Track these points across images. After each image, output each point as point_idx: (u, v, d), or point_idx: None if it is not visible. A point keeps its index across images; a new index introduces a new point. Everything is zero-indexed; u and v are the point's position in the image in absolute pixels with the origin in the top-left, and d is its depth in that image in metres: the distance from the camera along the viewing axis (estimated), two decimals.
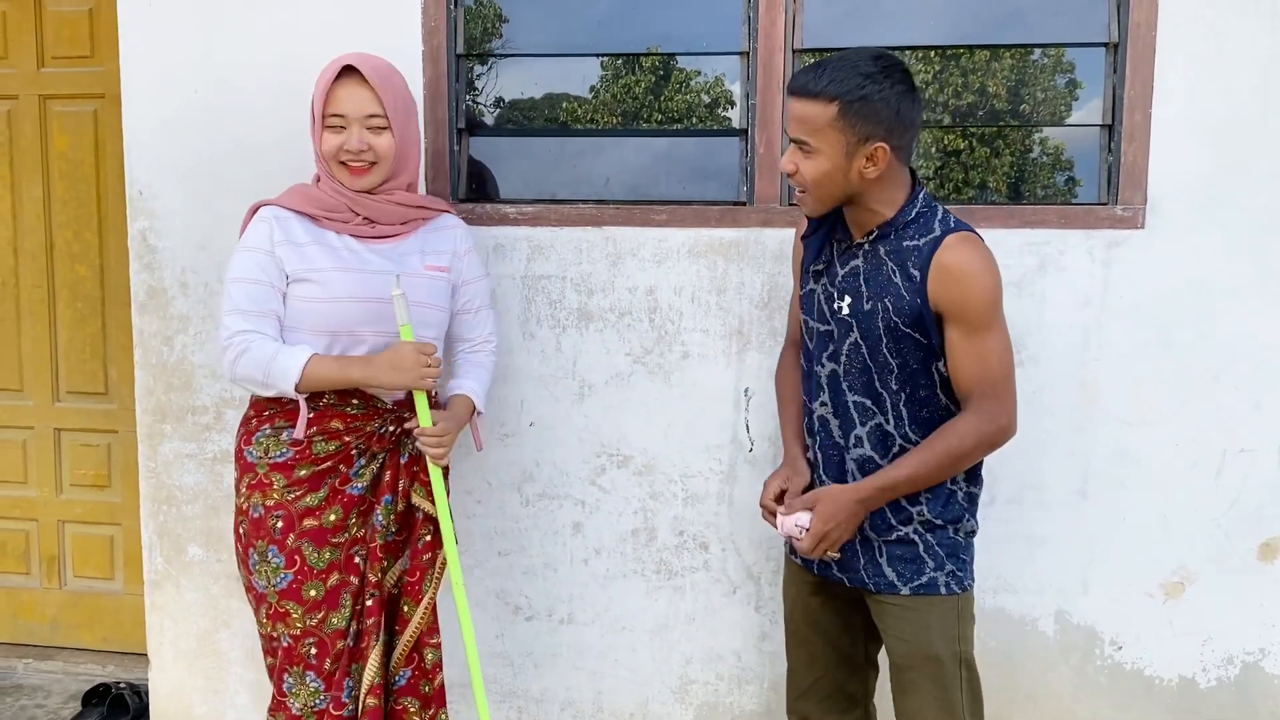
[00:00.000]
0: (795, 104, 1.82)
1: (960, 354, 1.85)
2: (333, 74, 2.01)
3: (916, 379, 1.89)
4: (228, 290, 2.02)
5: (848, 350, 1.93)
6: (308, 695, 2.03)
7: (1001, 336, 1.87)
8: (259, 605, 2.07)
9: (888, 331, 1.87)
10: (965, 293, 1.82)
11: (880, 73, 1.78)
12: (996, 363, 1.85)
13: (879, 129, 1.79)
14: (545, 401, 2.55)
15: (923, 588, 1.92)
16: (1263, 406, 2.33)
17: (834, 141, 1.80)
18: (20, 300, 3.15)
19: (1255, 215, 2.29)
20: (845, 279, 1.93)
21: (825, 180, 1.83)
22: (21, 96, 3.07)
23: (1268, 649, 2.41)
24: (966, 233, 1.86)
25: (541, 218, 2.51)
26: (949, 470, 1.88)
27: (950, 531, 1.94)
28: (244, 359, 1.96)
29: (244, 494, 2.05)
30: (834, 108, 1.78)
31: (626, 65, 2.57)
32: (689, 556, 2.56)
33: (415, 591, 2.13)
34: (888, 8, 2.43)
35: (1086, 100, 2.41)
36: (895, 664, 1.96)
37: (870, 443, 1.93)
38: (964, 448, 1.85)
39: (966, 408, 1.86)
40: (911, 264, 1.85)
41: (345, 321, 2.01)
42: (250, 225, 2.06)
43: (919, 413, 1.91)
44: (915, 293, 1.84)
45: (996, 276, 1.85)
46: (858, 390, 1.93)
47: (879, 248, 1.89)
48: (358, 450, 2.05)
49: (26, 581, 3.28)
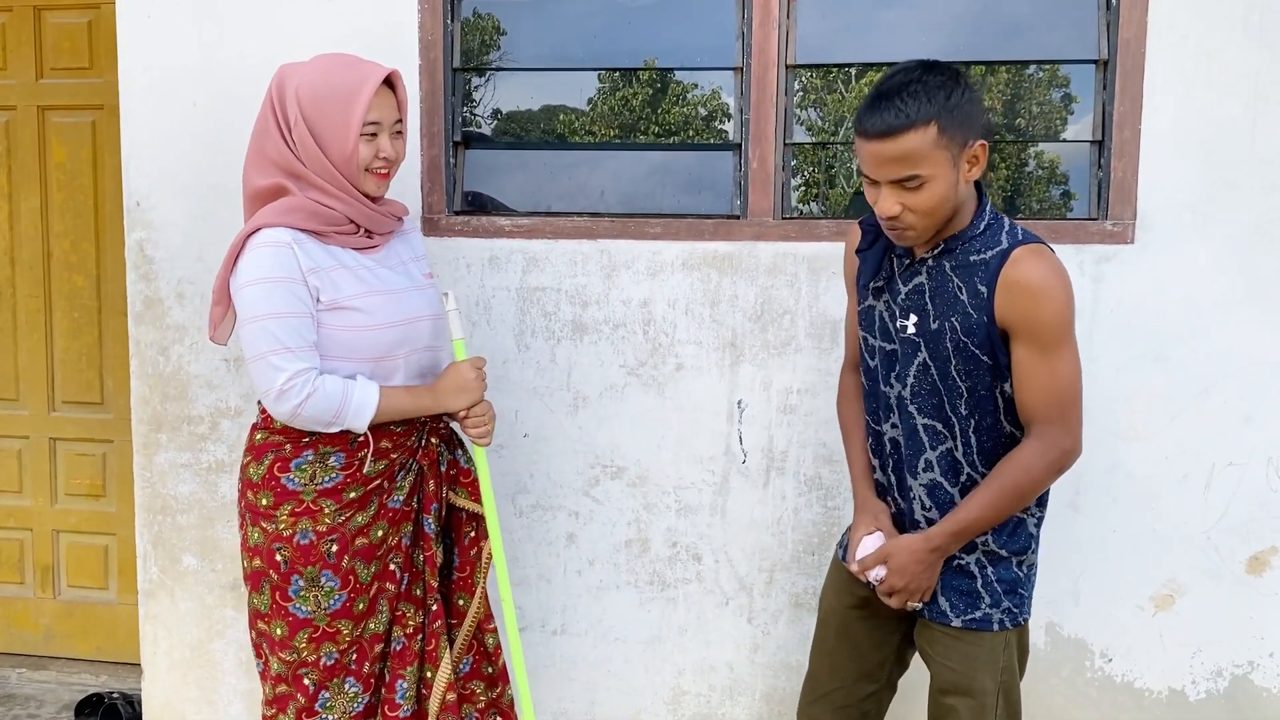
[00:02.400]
0: (887, 145, 1.69)
1: (1028, 375, 1.76)
2: (376, 83, 1.93)
3: (985, 404, 1.82)
4: (264, 326, 1.87)
5: (916, 371, 1.85)
6: (346, 702, 2.02)
7: (1073, 356, 1.77)
8: (295, 632, 1.97)
9: (956, 352, 1.79)
10: (1035, 309, 1.73)
11: (948, 79, 1.71)
12: (1067, 384, 1.77)
13: (972, 128, 1.72)
14: (539, 413, 2.57)
15: (975, 622, 1.86)
16: (1252, 420, 2.35)
17: (942, 160, 1.70)
18: (17, 310, 3.16)
19: (1244, 230, 2.31)
20: (909, 296, 1.85)
21: (942, 203, 1.73)
22: (20, 107, 3.09)
23: (1257, 662, 2.42)
24: (1036, 245, 1.77)
25: (537, 230, 2.52)
26: (1018, 505, 1.81)
27: (1014, 564, 1.87)
28: (313, 400, 1.88)
29: (286, 521, 1.96)
30: (933, 128, 1.68)
31: (623, 78, 2.59)
32: (682, 568, 2.57)
33: (468, 585, 2.16)
34: (881, 24, 2.45)
35: (1081, 115, 2.42)
36: (935, 687, 1.93)
37: (940, 468, 1.86)
38: (1031, 480, 1.78)
39: (1030, 433, 1.79)
40: (979, 279, 1.76)
41: (388, 347, 1.99)
42: (268, 251, 1.90)
43: (985, 440, 1.83)
44: (982, 310, 1.76)
45: (1069, 291, 1.76)
46: (927, 413, 1.85)
47: (944, 263, 1.80)
48: (401, 465, 2.06)
49: (20, 591, 3.28)
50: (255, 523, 1.99)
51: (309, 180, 1.95)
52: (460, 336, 2.06)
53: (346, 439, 1.98)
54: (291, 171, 1.96)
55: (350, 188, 1.97)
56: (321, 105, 1.93)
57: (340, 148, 1.93)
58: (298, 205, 1.94)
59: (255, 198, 2.00)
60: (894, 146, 1.69)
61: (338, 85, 1.93)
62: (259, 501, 1.98)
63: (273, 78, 1.99)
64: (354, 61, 1.98)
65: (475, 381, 2.04)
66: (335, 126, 1.93)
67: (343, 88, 1.93)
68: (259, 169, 1.99)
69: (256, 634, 2.05)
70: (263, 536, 1.98)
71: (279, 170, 1.96)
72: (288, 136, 1.95)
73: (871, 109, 1.71)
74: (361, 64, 1.97)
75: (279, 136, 1.95)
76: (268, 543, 1.97)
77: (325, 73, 1.95)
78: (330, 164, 1.94)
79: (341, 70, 1.95)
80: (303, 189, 1.96)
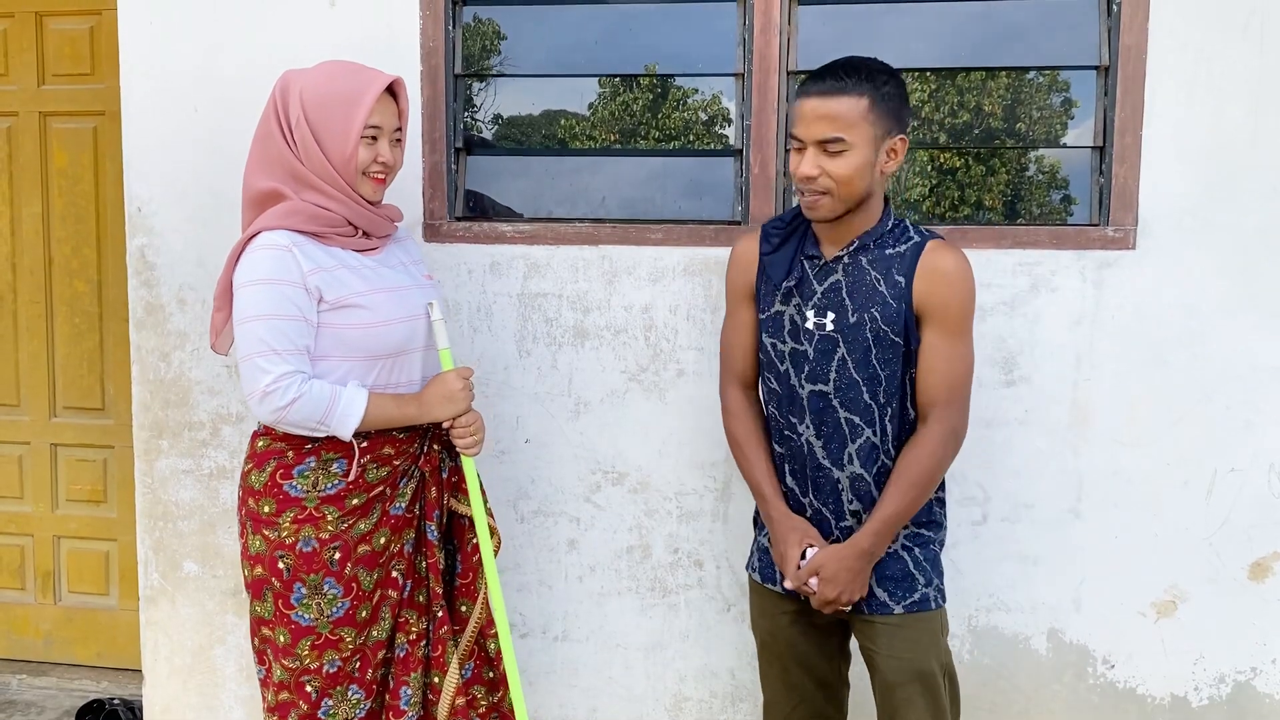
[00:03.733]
0: (822, 103, 1.83)
1: (935, 358, 1.89)
2: (379, 89, 1.96)
3: (898, 391, 1.92)
4: (253, 329, 1.88)
5: (836, 367, 1.93)
6: (348, 709, 2.02)
7: (970, 344, 1.93)
8: (298, 640, 1.97)
9: (876, 341, 1.89)
10: (951, 294, 1.87)
11: (886, 71, 1.86)
12: (964, 370, 1.91)
13: (898, 123, 1.86)
14: (541, 419, 2.57)
15: (916, 605, 1.94)
16: (1254, 426, 2.35)
17: (866, 136, 1.82)
18: (18, 315, 3.16)
19: (1246, 236, 2.31)
20: (825, 295, 1.93)
21: (857, 177, 1.84)
22: (22, 113, 3.09)
23: (1259, 668, 2.41)
24: (943, 240, 1.92)
25: (538, 236, 2.52)
26: (929, 492, 1.92)
27: (933, 543, 1.99)
28: (299, 404, 1.87)
29: (289, 529, 1.96)
30: (865, 100, 1.81)
31: (625, 83, 2.59)
32: (683, 574, 2.56)
33: (470, 591, 2.17)
34: (882, 29, 2.45)
35: (1082, 119, 2.43)
36: (886, 682, 1.96)
37: (860, 459, 1.94)
38: (937, 464, 1.90)
39: (929, 418, 1.91)
40: (896, 270, 1.89)
41: (394, 343, 2.00)
42: (266, 254, 1.91)
43: (896, 426, 1.94)
44: (900, 298, 1.88)
45: (973, 282, 1.91)
46: (847, 406, 1.93)
47: (860, 259, 1.92)
48: (403, 472, 2.06)
49: (21, 597, 3.28)
50: (257, 530, 1.99)
51: (308, 182, 1.97)
52: (446, 346, 2.06)
53: (350, 445, 1.98)
54: (292, 173, 1.98)
55: (348, 189, 1.99)
56: (325, 108, 1.96)
57: (341, 150, 1.96)
58: (297, 209, 1.96)
59: (254, 202, 2.02)
60: (828, 105, 1.82)
61: (341, 89, 1.96)
62: (260, 509, 1.98)
63: (277, 82, 2.01)
64: (358, 68, 2.01)
65: (461, 391, 2.05)
66: (337, 129, 1.95)
67: (346, 92, 1.96)
68: (259, 172, 2.01)
69: (259, 641, 2.05)
70: (264, 544, 1.98)
71: (280, 172, 1.99)
72: (289, 137, 1.97)
73: (815, 76, 1.87)
74: (365, 71, 2.00)
75: (281, 138, 1.97)
76: (270, 550, 1.97)
77: (330, 77, 1.99)
78: (330, 165, 1.96)
79: (346, 76, 1.99)
80: (301, 192, 1.98)
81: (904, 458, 1.91)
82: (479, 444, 2.10)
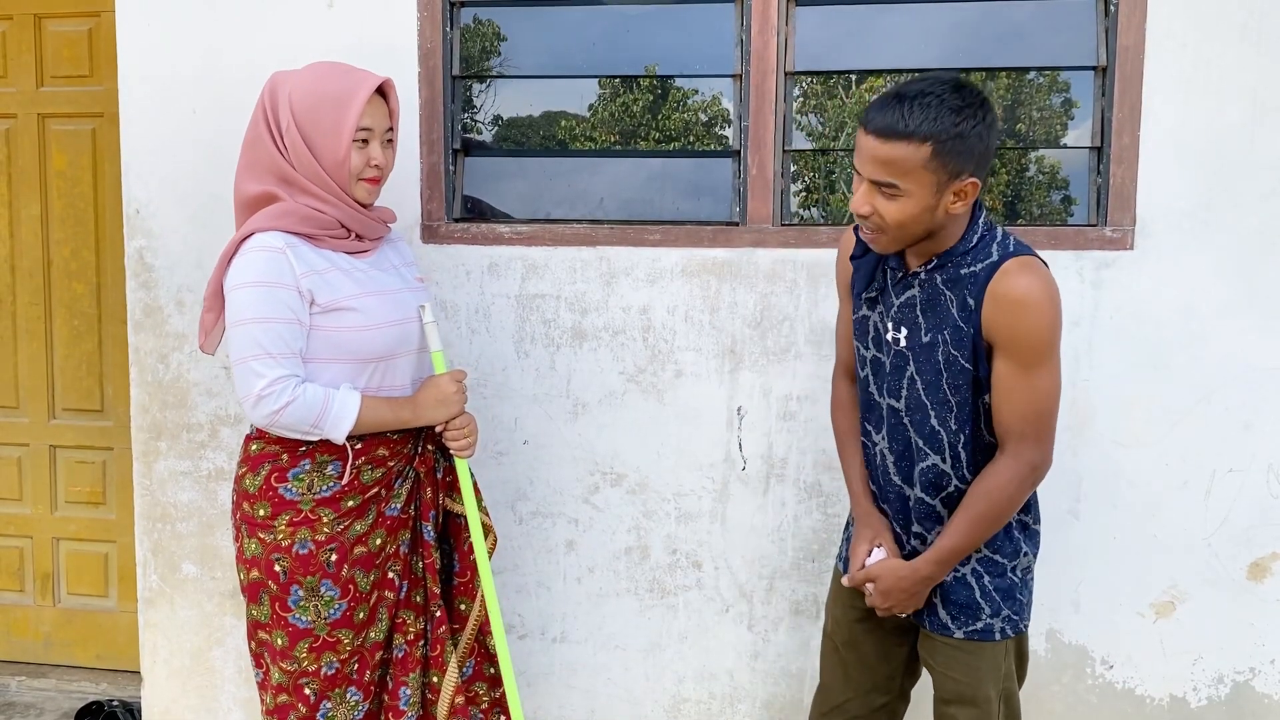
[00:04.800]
0: (879, 145, 1.67)
1: (1007, 389, 1.74)
2: (369, 91, 1.95)
3: (970, 417, 1.81)
4: (247, 331, 1.87)
5: (907, 384, 1.84)
6: (347, 711, 2.02)
7: (1054, 373, 1.75)
8: (295, 642, 1.97)
9: (947, 365, 1.78)
10: (1018, 323, 1.70)
11: (969, 106, 1.66)
12: (1045, 402, 1.75)
13: (970, 164, 1.68)
14: (539, 420, 2.57)
15: (977, 633, 1.86)
16: (1252, 427, 2.34)
17: (925, 182, 1.67)
18: (17, 317, 3.16)
19: (1244, 237, 2.31)
20: (901, 309, 1.83)
21: (911, 222, 1.71)
22: (20, 115, 3.09)
23: (1258, 668, 2.41)
24: (1026, 258, 1.73)
25: (536, 237, 2.52)
26: (998, 525, 1.80)
27: (1008, 570, 1.87)
28: (293, 408, 1.87)
29: (284, 532, 1.95)
30: (927, 148, 1.64)
31: (625, 84, 2.59)
32: (682, 575, 2.56)
33: (469, 589, 2.17)
34: (880, 30, 2.45)
35: (1082, 120, 2.42)
36: (940, 697, 1.94)
37: (922, 483, 1.87)
38: (1008, 499, 1.77)
39: (1004, 449, 1.78)
40: (968, 292, 1.74)
41: (385, 346, 1.99)
42: (260, 256, 1.90)
43: (970, 453, 1.83)
44: (970, 322, 1.74)
45: (1056, 307, 1.72)
46: (917, 429, 1.85)
47: (936, 277, 1.78)
48: (398, 473, 2.06)
49: (20, 598, 3.28)
50: (252, 534, 1.99)
51: (300, 186, 1.96)
52: (438, 349, 2.06)
53: (344, 447, 1.97)
54: (283, 177, 1.97)
55: (341, 193, 1.98)
56: (314, 111, 1.94)
57: (332, 153, 1.95)
58: (290, 210, 1.95)
59: (246, 205, 2.01)
60: (884, 149, 1.67)
61: (331, 91, 1.95)
62: (256, 512, 1.98)
63: (265, 84, 2.00)
64: (347, 69, 2.00)
65: (455, 395, 2.05)
66: (327, 132, 1.94)
67: (336, 94, 1.94)
68: (250, 176, 2.01)
69: (256, 644, 2.05)
70: (260, 548, 1.98)
71: (270, 177, 1.98)
72: (279, 142, 1.96)
73: (881, 105, 1.69)
74: (355, 72, 1.99)
75: (270, 142, 1.96)
76: (266, 554, 1.97)
77: (318, 79, 1.97)
78: (322, 169, 1.96)
79: (335, 77, 1.97)
80: (294, 195, 1.97)
81: (974, 488, 1.79)
82: (472, 446, 2.11)
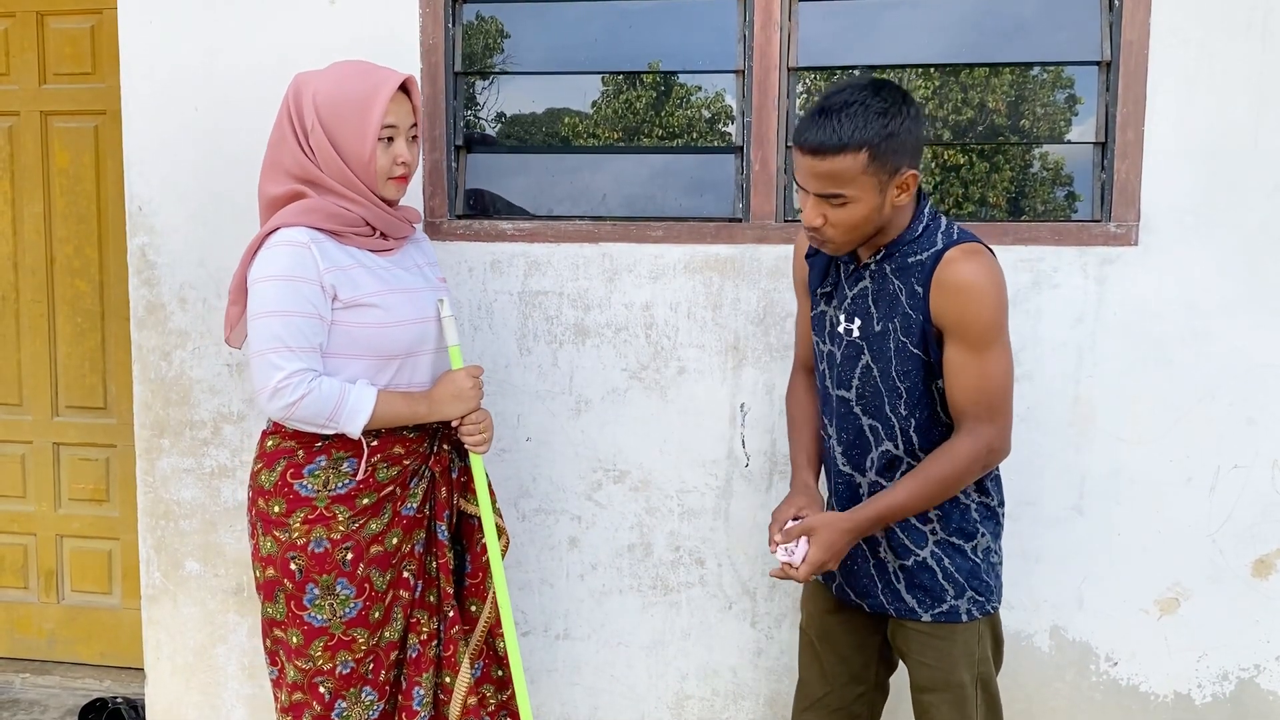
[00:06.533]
0: (818, 162, 1.73)
1: (958, 373, 1.79)
2: (392, 89, 1.95)
3: (921, 401, 1.85)
4: (268, 324, 1.88)
5: (860, 374, 1.89)
6: (361, 710, 2.02)
7: (1003, 356, 1.80)
8: (311, 641, 1.97)
9: (897, 353, 1.84)
10: (965, 308, 1.76)
11: (894, 105, 1.73)
12: (995, 384, 1.80)
13: (905, 158, 1.75)
14: (542, 417, 2.56)
15: (944, 615, 1.89)
16: (1256, 423, 2.34)
17: (868, 185, 1.74)
18: (20, 315, 3.17)
19: (1248, 233, 2.30)
20: (854, 301, 1.89)
21: (863, 223, 1.78)
22: (23, 113, 3.09)
23: (1263, 665, 2.41)
24: (970, 244, 1.80)
25: (539, 234, 2.52)
26: (943, 494, 1.83)
27: (967, 552, 1.90)
28: (308, 401, 1.87)
29: (299, 529, 1.95)
30: (864, 155, 1.71)
31: (627, 80, 2.59)
32: (685, 572, 2.56)
33: (480, 590, 2.17)
34: (883, 26, 2.45)
35: (1086, 116, 2.42)
36: (915, 685, 1.95)
37: (877, 467, 1.91)
38: (956, 472, 1.80)
39: (960, 429, 1.82)
40: (915, 280, 1.81)
41: (405, 343, 1.99)
42: (284, 250, 1.90)
43: (922, 436, 1.87)
44: (918, 309, 1.80)
45: (1000, 291, 1.78)
46: (870, 414, 1.89)
47: (885, 266, 1.85)
48: (414, 472, 2.06)
49: (24, 596, 3.28)
50: (267, 532, 1.99)
51: (326, 186, 1.96)
52: (456, 343, 2.06)
53: (360, 444, 1.97)
54: (308, 179, 1.97)
55: (368, 192, 1.98)
56: (338, 111, 1.94)
57: (358, 153, 1.95)
58: (316, 206, 1.95)
59: (271, 205, 2.02)
60: (824, 164, 1.73)
61: (354, 91, 1.95)
62: (271, 509, 1.98)
63: (289, 86, 2.01)
64: (370, 68, 2.00)
65: (471, 390, 2.05)
66: (352, 132, 1.94)
67: (359, 93, 1.94)
68: (274, 179, 2.01)
69: (271, 642, 2.05)
70: (276, 545, 1.98)
71: (296, 178, 1.98)
72: (304, 144, 1.96)
73: (810, 123, 1.75)
74: (377, 70, 1.99)
75: (295, 144, 1.97)
76: (281, 552, 1.97)
77: (341, 79, 1.97)
78: (348, 169, 1.96)
79: (358, 76, 1.97)
80: (320, 194, 1.97)
81: (928, 458, 1.83)
82: (488, 442, 2.10)
